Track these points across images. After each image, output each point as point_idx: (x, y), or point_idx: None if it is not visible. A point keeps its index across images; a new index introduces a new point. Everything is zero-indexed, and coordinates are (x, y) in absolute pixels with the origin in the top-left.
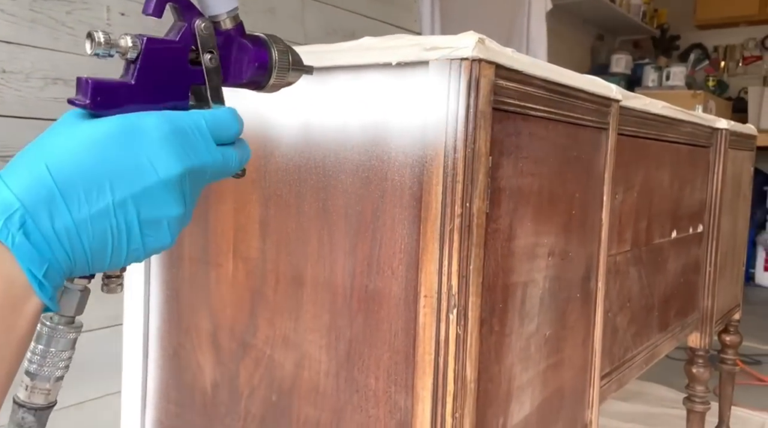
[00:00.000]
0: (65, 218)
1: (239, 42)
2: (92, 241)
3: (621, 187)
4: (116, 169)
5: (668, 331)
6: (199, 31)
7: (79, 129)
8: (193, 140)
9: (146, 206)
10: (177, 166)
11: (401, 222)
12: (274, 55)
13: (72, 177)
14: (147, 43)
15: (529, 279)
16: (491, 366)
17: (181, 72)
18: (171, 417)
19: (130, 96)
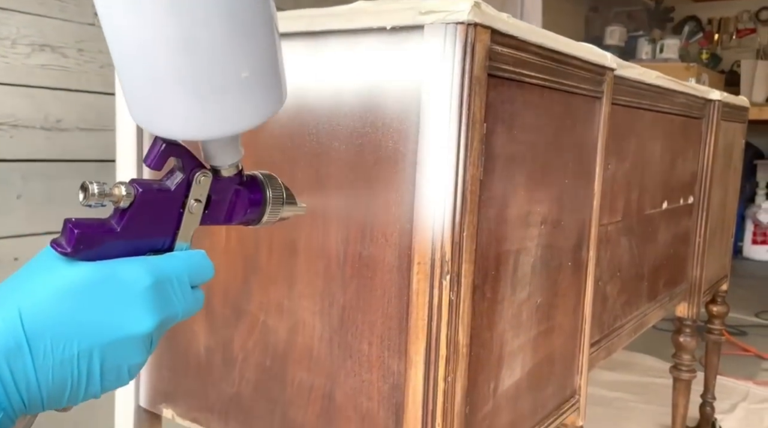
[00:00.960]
0: (28, 367)
1: (236, 187)
2: (51, 388)
3: (613, 157)
4: (87, 321)
5: (657, 301)
6: (195, 182)
7: (56, 275)
8: (171, 291)
9: (111, 356)
10: (151, 321)
11: (395, 189)
12: (269, 194)
13: (42, 328)
14: (141, 193)
15: (521, 247)
16: (483, 332)
17: (170, 218)
18: (165, 382)
19: (114, 243)
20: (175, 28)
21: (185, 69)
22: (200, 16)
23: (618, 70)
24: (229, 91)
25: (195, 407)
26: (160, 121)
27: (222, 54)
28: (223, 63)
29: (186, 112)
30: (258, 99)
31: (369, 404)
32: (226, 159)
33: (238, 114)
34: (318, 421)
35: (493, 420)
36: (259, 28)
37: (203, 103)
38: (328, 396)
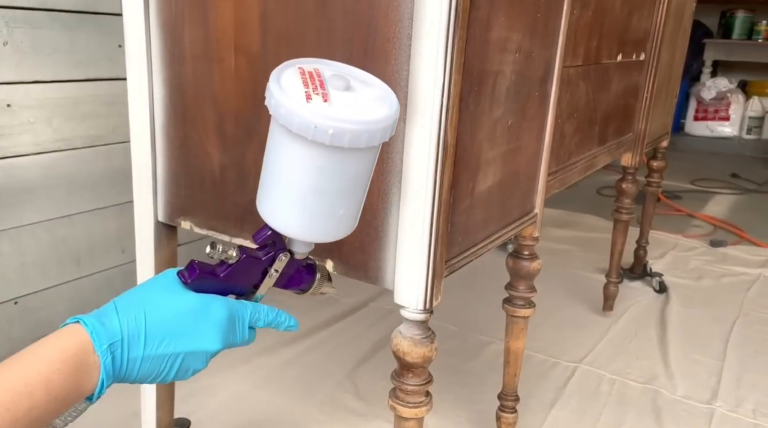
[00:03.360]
0: (138, 354)
1: (300, 268)
2: (144, 371)
3: (578, 2)
4: (183, 333)
5: (606, 147)
6: (279, 259)
7: (174, 296)
8: (236, 327)
9: (188, 361)
10: (219, 345)
11: (395, 8)
12: (317, 277)
13: (156, 327)
14: (244, 258)
15: (499, 69)
16: (465, 139)
17: (253, 277)
18: (182, 198)
19: (216, 284)
20: (316, 177)
21: (309, 200)
22: (331, 174)
23: None
24: (328, 220)
25: (212, 217)
26: (277, 220)
27: (334, 198)
28: (333, 204)
29: (297, 222)
30: (342, 226)
31: (370, 198)
32: (302, 249)
33: (327, 232)
34: None
35: (470, 214)
36: (361, 187)
37: (310, 221)
38: None
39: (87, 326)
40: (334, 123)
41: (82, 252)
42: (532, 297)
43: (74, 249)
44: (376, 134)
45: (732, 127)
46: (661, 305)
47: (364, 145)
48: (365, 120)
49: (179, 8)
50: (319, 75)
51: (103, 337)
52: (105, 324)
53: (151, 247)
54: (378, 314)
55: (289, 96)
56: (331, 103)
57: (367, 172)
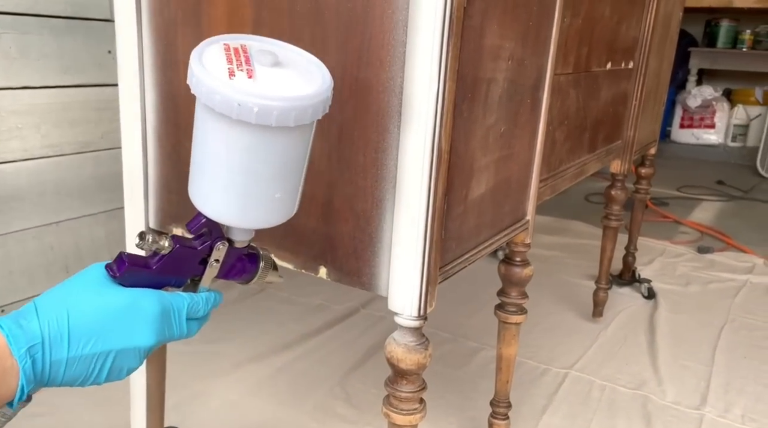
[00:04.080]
0: (62, 356)
1: (241, 257)
2: (71, 375)
3: (569, 11)
4: (111, 331)
5: (595, 154)
6: (216, 248)
7: (100, 294)
8: (171, 321)
9: (119, 359)
10: (151, 340)
11: (389, 16)
12: (261, 264)
13: (80, 327)
14: (178, 248)
15: (492, 77)
16: (459, 146)
17: (190, 268)
18: (173, 205)
19: (149, 277)
20: (245, 159)
21: (240, 184)
22: (262, 156)
23: None
24: (264, 204)
25: None
26: (210, 207)
27: (268, 181)
28: (267, 187)
29: (229, 208)
30: (280, 211)
31: (364, 205)
32: (241, 237)
33: (264, 218)
34: (319, 224)
35: (464, 220)
36: (297, 168)
37: (244, 207)
38: (327, 203)
39: (2, 329)
40: (259, 100)
41: (70, 260)
42: (524, 303)
43: (62, 256)
44: (306, 111)
45: (717, 135)
46: (649, 311)
47: (293, 123)
48: (294, 96)
49: (172, 14)
50: (245, 51)
51: (21, 340)
52: (23, 326)
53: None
54: (369, 321)
55: (209, 73)
56: (256, 79)
57: (302, 152)
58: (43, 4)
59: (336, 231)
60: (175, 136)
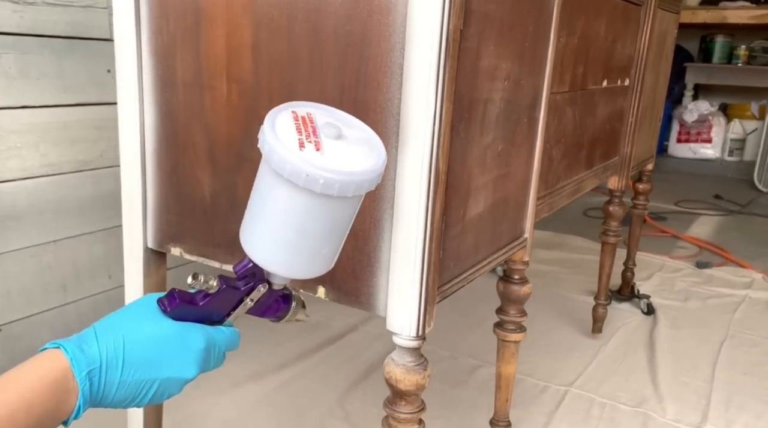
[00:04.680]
0: (115, 380)
1: (277, 297)
2: (120, 397)
3: (565, 31)
4: (161, 360)
5: (593, 170)
6: (257, 290)
7: (152, 324)
8: (212, 355)
9: (162, 387)
10: (195, 372)
11: (387, 39)
12: (293, 306)
13: (134, 354)
14: (224, 288)
15: (489, 97)
16: (457, 166)
17: (230, 305)
18: (172, 225)
19: (195, 313)
20: (302, 219)
21: (293, 240)
22: (318, 218)
23: None
24: (310, 258)
25: (202, 243)
26: (259, 255)
27: (318, 239)
28: (316, 244)
29: (279, 259)
30: (323, 264)
31: (362, 225)
32: (280, 281)
33: (307, 270)
34: None
35: (461, 239)
36: (344, 229)
37: (292, 259)
38: None
39: (67, 353)
40: (325, 173)
41: (68, 278)
42: (523, 321)
43: (60, 275)
44: (363, 184)
45: (714, 149)
46: (649, 327)
47: (351, 195)
48: (354, 171)
49: (171, 35)
50: (312, 121)
51: (82, 364)
52: (84, 350)
53: (140, 274)
54: (368, 338)
55: (282, 143)
56: (323, 153)
57: (351, 216)
58: (44, 24)
59: None
60: (173, 156)
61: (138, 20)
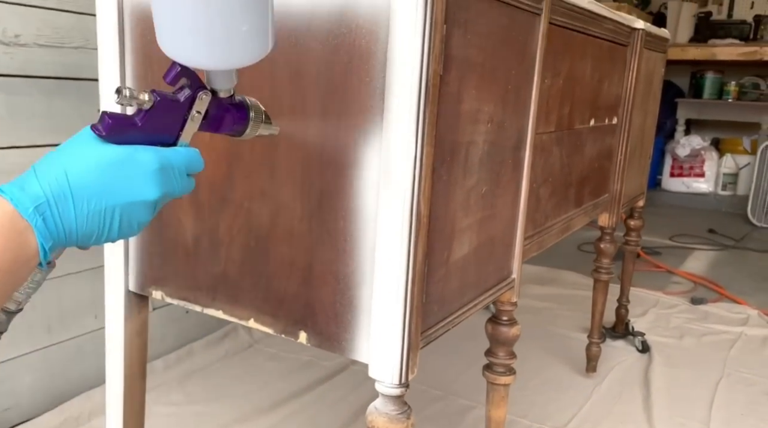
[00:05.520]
0: (70, 213)
1: (227, 107)
2: (84, 231)
3: (549, 72)
4: (112, 186)
5: (582, 208)
6: (199, 98)
7: (94, 150)
8: (172, 175)
9: (127, 214)
10: (157, 193)
11: (367, 84)
12: (251, 116)
13: (81, 185)
14: (159, 101)
15: (471, 140)
16: (439, 209)
17: (176, 123)
18: (154, 268)
19: (135, 133)
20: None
21: (201, 20)
22: None
23: None
24: (231, 40)
25: (183, 287)
26: (180, 52)
27: (231, 14)
28: (232, 20)
29: (197, 48)
30: (252, 45)
31: (345, 269)
32: (223, 85)
33: (236, 55)
34: (299, 288)
35: (446, 283)
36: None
37: (211, 44)
38: (308, 267)
39: (5, 194)
40: None
41: (53, 319)
42: (512, 363)
43: (45, 315)
44: None
45: (707, 184)
46: (644, 365)
47: None
48: None
49: (156, 79)
50: None
51: (25, 201)
52: (25, 189)
53: (121, 317)
54: (359, 377)
55: None
56: None
57: None
58: (35, 65)
59: (316, 296)
60: None
61: (122, 65)
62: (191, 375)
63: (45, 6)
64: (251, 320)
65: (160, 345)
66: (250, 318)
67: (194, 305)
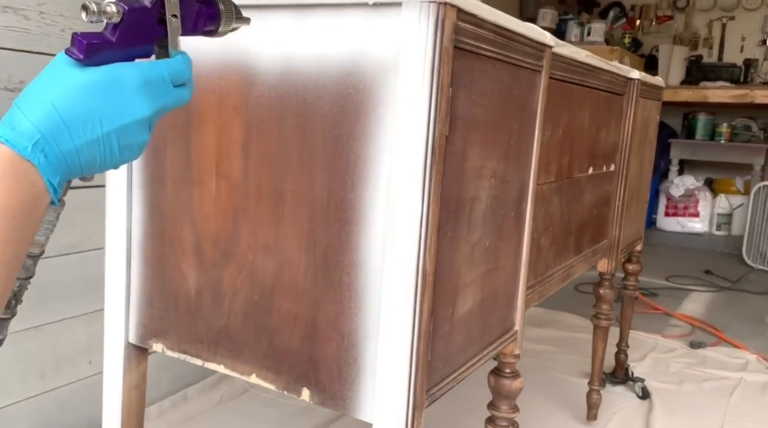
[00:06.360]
0: (69, 144)
1: (200, 8)
2: (86, 159)
3: (549, 124)
4: (104, 109)
5: (582, 255)
6: (167, 1)
7: (75, 76)
8: (159, 87)
9: (125, 136)
10: (149, 109)
11: (373, 144)
12: (221, 8)
13: (72, 114)
14: (128, 11)
15: (475, 196)
16: (444, 265)
17: (150, 31)
18: (155, 320)
19: (112, 51)
20: None
21: None
22: None
23: (555, 47)
24: None
25: (184, 340)
26: None
27: None
28: None
29: None
30: None
31: (350, 325)
32: None
33: None
34: (302, 343)
35: (450, 339)
36: None
37: None
38: (312, 322)
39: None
40: None
41: (47, 365)
42: (515, 417)
43: (39, 361)
44: None
45: (702, 223)
46: (645, 412)
47: None
48: None
49: (163, 132)
50: None
51: (22, 141)
52: (17, 128)
53: (120, 370)
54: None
55: None
56: None
57: None
58: None
59: (320, 352)
60: (160, 249)
61: None
62: (186, 423)
63: (51, 53)
64: (253, 375)
65: (155, 390)
66: (252, 374)
67: (195, 359)
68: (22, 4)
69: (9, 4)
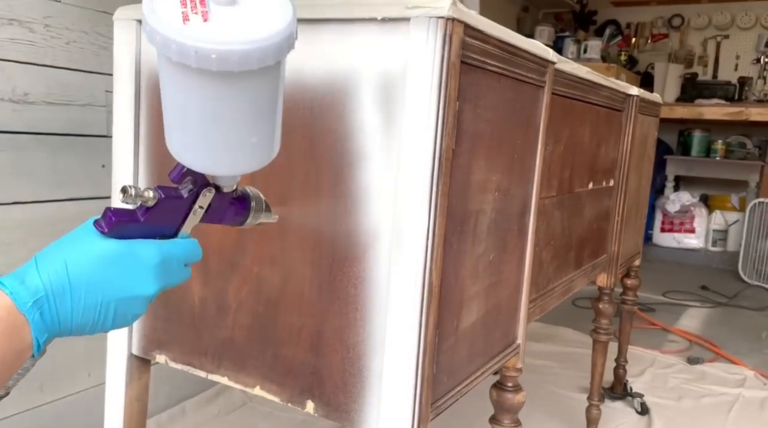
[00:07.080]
0: (67, 307)
1: (230, 200)
2: (79, 323)
3: (551, 139)
4: (111, 281)
5: (582, 269)
6: (202, 195)
7: (95, 245)
8: (171, 267)
9: (122, 308)
10: (155, 288)
11: (382, 156)
12: (252, 205)
13: (80, 279)
14: (164, 199)
15: (480, 209)
16: (449, 278)
17: (178, 217)
18: (159, 332)
19: (137, 229)
20: (212, 108)
21: (211, 132)
22: (229, 102)
23: (557, 63)
24: (240, 150)
25: (188, 351)
26: (186, 157)
27: (241, 128)
28: (241, 133)
29: (205, 156)
30: (258, 154)
31: (355, 338)
32: (227, 182)
33: (243, 164)
34: (307, 355)
35: (455, 352)
36: (270, 111)
37: (220, 155)
38: (317, 334)
39: (6, 288)
40: (216, 45)
41: (45, 377)
42: None
43: (38, 373)
44: (268, 52)
45: (698, 239)
46: None
47: (257, 66)
48: (253, 38)
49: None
50: None
51: (25, 296)
52: (25, 281)
53: (123, 382)
54: None
55: (162, 20)
56: (212, 22)
57: (272, 93)
58: (42, 122)
59: (325, 364)
60: None
61: (137, 122)
62: None
63: (55, 65)
64: (257, 387)
65: (153, 403)
66: (256, 386)
67: (199, 371)
68: (27, 17)
69: (15, 16)
